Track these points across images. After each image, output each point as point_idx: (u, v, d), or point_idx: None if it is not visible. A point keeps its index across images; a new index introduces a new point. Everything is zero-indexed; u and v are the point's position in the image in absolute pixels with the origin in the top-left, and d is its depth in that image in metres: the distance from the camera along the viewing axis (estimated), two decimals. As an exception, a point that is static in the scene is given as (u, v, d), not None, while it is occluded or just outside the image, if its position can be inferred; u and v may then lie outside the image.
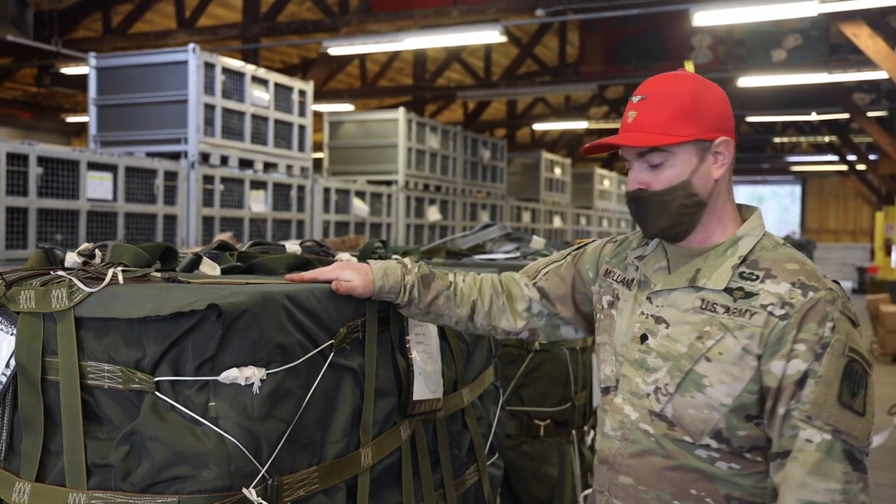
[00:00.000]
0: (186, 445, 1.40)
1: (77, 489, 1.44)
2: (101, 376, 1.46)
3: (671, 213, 1.53)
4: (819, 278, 1.49)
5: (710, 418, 1.48)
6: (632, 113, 1.54)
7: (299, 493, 1.54)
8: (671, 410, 1.51)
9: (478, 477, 2.31)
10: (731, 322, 1.48)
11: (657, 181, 1.53)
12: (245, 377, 1.43)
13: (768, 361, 1.44)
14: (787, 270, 1.48)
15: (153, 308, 1.42)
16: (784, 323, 1.44)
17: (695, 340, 1.50)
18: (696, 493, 1.50)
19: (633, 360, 1.59)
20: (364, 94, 13.78)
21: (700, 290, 1.53)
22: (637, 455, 1.56)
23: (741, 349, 1.46)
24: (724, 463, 1.49)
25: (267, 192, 6.57)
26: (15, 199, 4.61)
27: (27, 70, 12.68)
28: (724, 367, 1.47)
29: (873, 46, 8.68)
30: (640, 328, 1.59)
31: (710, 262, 1.54)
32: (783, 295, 1.45)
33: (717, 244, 1.56)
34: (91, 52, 6.29)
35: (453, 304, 1.79)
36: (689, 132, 1.50)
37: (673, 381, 1.51)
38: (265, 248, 2.14)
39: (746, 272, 1.51)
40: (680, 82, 1.53)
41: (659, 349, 1.54)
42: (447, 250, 3.56)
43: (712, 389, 1.47)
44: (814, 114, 14.75)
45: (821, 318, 1.43)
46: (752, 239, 1.55)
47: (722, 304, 1.50)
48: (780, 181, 32.25)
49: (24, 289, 1.53)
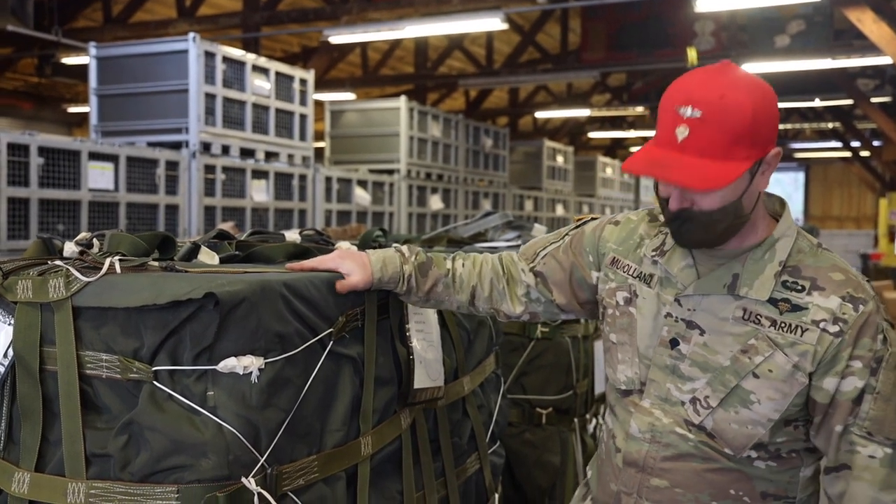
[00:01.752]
0: (185, 435, 1.39)
1: (76, 479, 1.44)
2: (99, 366, 1.46)
3: (718, 231, 1.43)
4: (864, 288, 1.44)
5: (754, 433, 1.45)
6: (682, 129, 1.36)
7: (299, 482, 1.53)
8: (712, 423, 1.47)
9: (479, 465, 2.31)
10: (780, 338, 1.42)
11: (706, 201, 1.40)
12: (243, 366, 1.42)
13: (821, 378, 1.41)
14: (834, 282, 1.43)
15: (150, 297, 1.41)
16: (839, 340, 1.40)
17: (739, 354, 1.44)
18: (735, 493, 1.49)
19: (662, 366, 1.52)
20: (365, 83, 13.74)
21: (740, 298, 1.46)
22: (673, 458, 1.51)
23: (792, 367, 1.41)
24: (762, 462, 1.48)
25: (268, 181, 6.57)
26: (16, 189, 4.61)
27: (28, 60, 12.66)
28: (773, 384, 1.42)
29: (877, 31, 8.63)
30: (669, 332, 1.52)
31: (749, 268, 1.46)
32: (835, 310, 1.40)
33: (751, 245, 1.48)
34: (91, 42, 6.28)
35: (452, 291, 1.77)
36: (749, 154, 1.37)
37: (715, 394, 1.46)
38: (264, 237, 2.13)
39: (790, 281, 1.44)
40: (738, 95, 1.35)
41: (694, 357, 1.48)
42: (449, 238, 3.55)
43: (759, 406, 1.43)
44: (817, 100, 14.67)
45: (874, 332, 1.40)
46: (788, 241, 1.48)
47: (767, 317, 1.43)
48: (784, 168, 32.14)
49: (21, 278, 1.53)
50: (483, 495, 2.34)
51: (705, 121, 1.34)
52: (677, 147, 1.37)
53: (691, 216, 1.42)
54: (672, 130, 1.38)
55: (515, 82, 13.43)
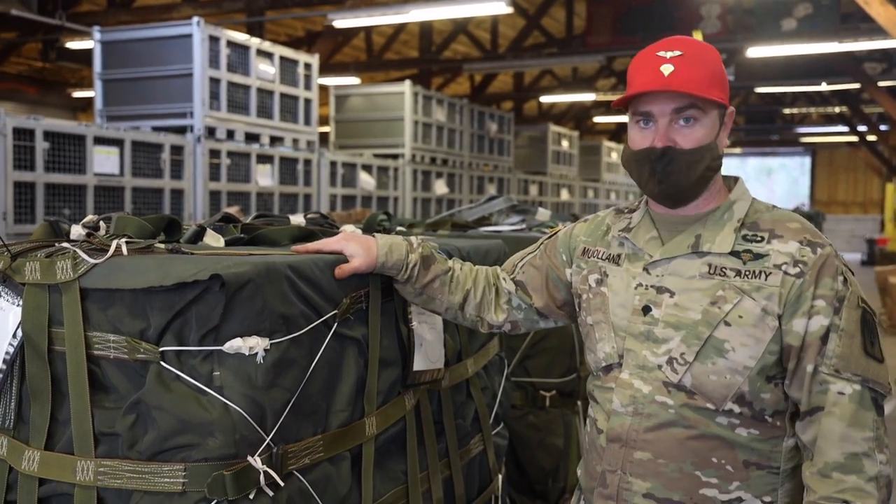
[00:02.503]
0: (192, 414, 1.41)
1: (85, 457, 1.46)
2: (106, 346, 1.48)
3: (696, 173, 1.52)
4: (821, 235, 1.52)
5: (733, 382, 1.48)
6: (668, 67, 1.48)
7: (304, 462, 1.55)
8: (690, 379, 1.50)
9: (482, 446, 2.33)
10: (746, 285, 1.48)
11: (687, 140, 1.50)
12: (249, 347, 1.44)
13: (790, 321, 1.46)
14: (791, 229, 1.51)
15: (157, 279, 1.43)
16: (801, 281, 1.46)
17: (709, 306, 1.49)
18: (717, 461, 1.50)
19: (637, 334, 1.56)
20: (370, 68, 13.70)
21: (704, 255, 1.53)
22: (655, 428, 1.53)
23: (761, 310, 1.47)
24: (745, 429, 1.50)
25: (273, 166, 6.57)
26: (22, 173, 4.63)
27: (32, 45, 12.65)
28: (745, 329, 1.47)
29: (885, 14, 8.56)
30: (641, 300, 1.57)
31: (710, 228, 1.55)
32: (794, 254, 1.48)
33: (710, 210, 1.57)
34: (95, 26, 6.28)
35: (447, 290, 1.78)
36: (721, 95, 1.52)
37: (690, 349, 1.50)
38: (269, 220, 2.14)
39: (750, 234, 1.53)
40: (707, 47, 1.55)
41: (667, 319, 1.53)
42: (453, 222, 3.55)
43: (734, 353, 1.47)
44: (824, 84, 14.59)
45: (833, 272, 1.47)
46: (744, 203, 1.58)
47: (731, 268, 1.50)
48: (790, 153, 32.01)
49: (29, 260, 1.55)
50: (487, 476, 2.36)
51: (686, 58, 1.49)
52: (664, 81, 1.48)
53: (675, 154, 1.50)
54: (657, 69, 1.49)
55: (520, 67, 13.38)
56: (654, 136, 1.52)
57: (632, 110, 1.56)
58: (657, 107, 1.51)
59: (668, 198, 1.56)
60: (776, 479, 1.52)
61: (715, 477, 1.50)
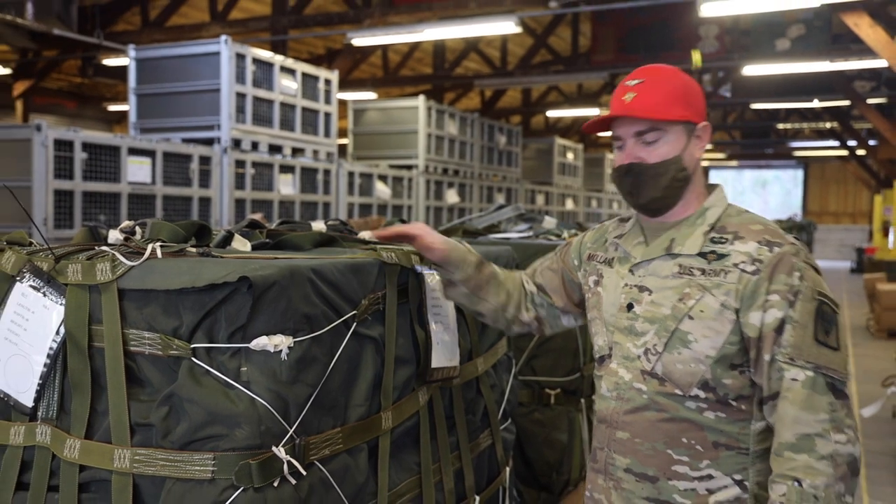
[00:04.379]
0: (221, 407, 1.42)
1: (122, 446, 1.48)
2: (142, 343, 1.49)
3: (663, 185, 1.59)
4: (782, 235, 1.56)
5: (696, 370, 1.54)
6: (630, 94, 1.58)
7: (324, 452, 1.56)
8: (661, 367, 1.57)
9: (491, 441, 2.33)
10: (707, 282, 1.54)
11: (651, 156, 1.59)
12: (274, 344, 1.45)
13: (746, 314, 1.51)
14: (752, 231, 1.56)
15: (189, 280, 1.44)
16: (756, 277, 1.51)
17: (677, 302, 1.56)
18: (687, 441, 1.56)
19: (622, 328, 1.64)
20: (386, 83, 13.74)
21: (676, 256, 1.60)
22: (632, 411, 1.61)
23: (720, 305, 1.52)
24: (712, 412, 1.55)
25: (295, 175, 6.60)
26: (62, 182, 4.67)
27: (72, 62, 12.76)
28: (706, 322, 1.53)
29: (874, 36, 8.54)
30: (626, 298, 1.65)
31: (683, 231, 1.62)
32: (752, 252, 1.53)
33: (687, 216, 1.64)
34: (131, 45, 6.33)
35: (493, 291, 1.86)
36: (683, 114, 1.58)
37: (661, 341, 1.57)
38: (292, 226, 2.15)
39: (717, 237, 1.58)
40: (672, 72, 1.62)
41: (645, 315, 1.60)
42: (464, 230, 3.56)
43: (697, 344, 1.54)
44: (816, 101, 14.52)
45: (788, 269, 1.50)
46: (718, 209, 1.63)
47: (698, 268, 1.57)
48: (784, 166, 31.85)
49: (71, 262, 1.57)
50: (495, 468, 2.36)
51: (646, 84, 1.58)
52: (625, 107, 1.58)
53: (640, 169, 1.59)
54: (621, 97, 1.59)
55: (528, 83, 13.38)
56: (623, 155, 1.63)
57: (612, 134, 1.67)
58: (623, 130, 1.61)
59: (642, 208, 1.65)
60: (746, 460, 1.56)
61: (686, 455, 1.56)
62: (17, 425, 1.60)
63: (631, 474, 1.61)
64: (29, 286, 1.59)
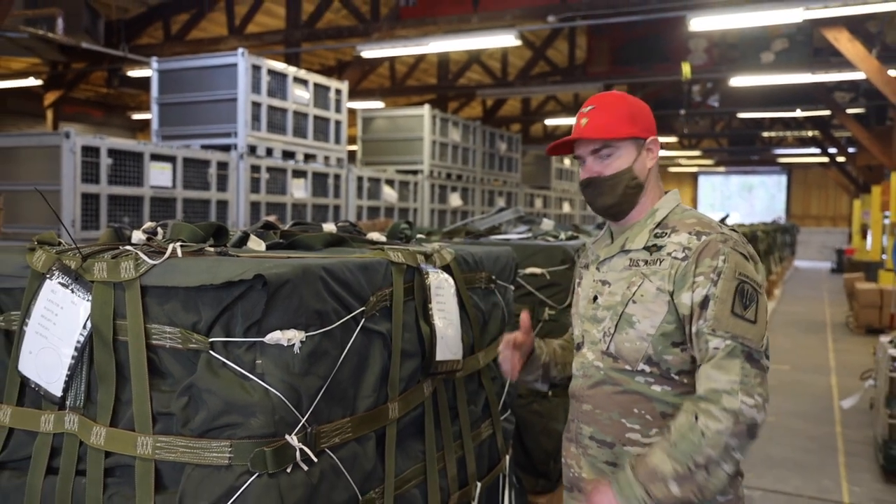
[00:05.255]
0: (237, 397, 1.42)
1: (144, 434, 1.48)
2: (163, 337, 1.49)
3: (618, 193, 1.72)
4: (712, 226, 1.67)
5: (641, 347, 1.65)
6: (584, 120, 1.72)
7: (335, 441, 1.56)
8: (614, 346, 1.69)
9: (492, 430, 2.33)
10: (647, 271, 1.67)
11: (607, 169, 1.72)
12: (287, 339, 1.45)
13: (679, 295, 1.62)
14: (686, 224, 1.69)
15: (207, 278, 1.44)
16: (685, 263, 1.62)
17: (625, 290, 1.69)
18: (638, 412, 1.66)
19: (589, 317, 1.77)
20: (393, 93, 13.75)
21: (628, 252, 1.73)
22: (592, 386, 1.73)
23: (656, 289, 1.64)
24: (659, 386, 1.65)
25: (307, 180, 6.60)
26: (89, 186, 4.68)
27: (99, 73, 12.79)
28: (645, 305, 1.65)
29: (852, 49, 8.53)
30: (592, 291, 1.78)
31: (635, 231, 1.75)
32: (683, 242, 1.65)
33: (641, 218, 1.77)
34: (153, 57, 6.34)
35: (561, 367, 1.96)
36: (630, 131, 1.71)
37: (612, 323, 1.70)
38: (304, 227, 2.15)
39: (659, 232, 1.71)
40: (619, 97, 1.76)
41: (604, 304, 1.73)
42: (467, 231, 3.56)
43: (640, 324, 1.65)
44: (799, 110, 14.53)
45: (713, 253, 1.61)
46: (665, 210, 1.75)
47: (642, 259, 1.69)
48: (768, 172, 31.78)
49: (97, 261, 1.57)
50: (496, 456, 2.36)
51: (597, 110, 1.72)
52: (581, 131, 1.72)
53: (598, 182, 1.73)
54: (579, 123, 1.73)
55: (528, 93, 13.38)
56: (584, 172, 1.76)
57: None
58: (582, 150, 1.75)
59: (603, 213, 1.77)
60: None
61: (637, 424, 1.66)
62: (47, 413, 1.60)
63: (594, 441, 1.73)
64: (58, 283, 1.59)
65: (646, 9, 8.14)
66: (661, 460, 1.52)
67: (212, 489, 1.41)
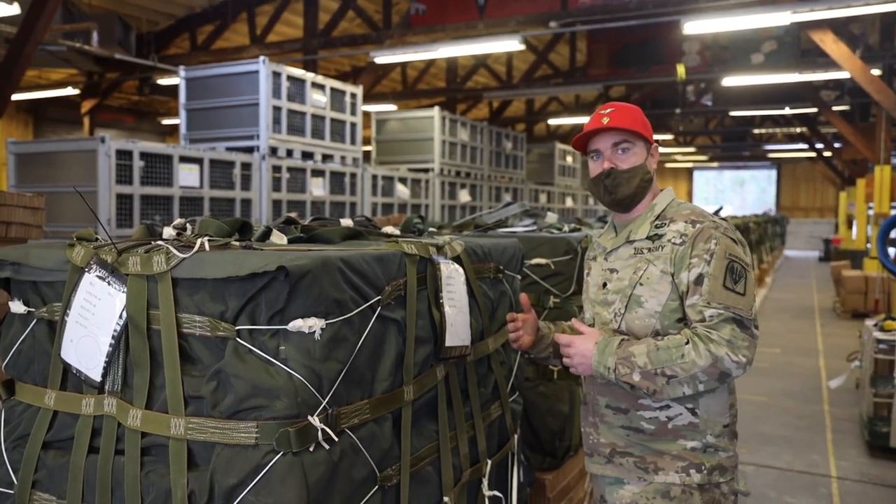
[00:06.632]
0: (262, 381, 1.43)
1: (177, 416, 1.49)
2: (193, 325, 1.50)
3: (634, 185, 1.83)
4: (705, 216, 1.80)
5: (649, 324, 1.78)
6: (606, 118, 1.82)
7: (354, 421, 1.56)
8: (625, 325, 1.82)
9: (501, 411, 2.32)
10: (651, 256, 1.80)
11: (625, 163, 1.83)
12: (308, 326, 1.45)
13: (678, 275, 1.75)
14: (682, 214, 1.82)
15: (233, 270, 1.44)
16: (682, 247, 1.75)
17: (632, 275, 1.81)
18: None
19: (600, 301, 1.89)
20: (405, 96, 13.73)
21: (633, 242, 1.85)
22: None
23: (659, 272, 1.77)
24: None
25: (325, 179, 6.61)
26: (122, 187, 4.71)
27: (130, 82, 12.83)
28: (651, 286, 1.78)
29: (837, 50, 8.45)
30: (601, 279, 1.91)
31: (637, 223, 1.87)
32: (680, 230, 1.78)
33: (643, 212, 1.89)
34: (181, 66, 6.35)
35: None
36: (644, 132, 1.84)
37: (622, 304, 1.82)
38: (323, 222, 2.15)
39: (658, 223, 1.83)
40: (630, 106, 1.87)
41: (613, 289, 1.85)
42: (475, 224, 3.55)
43: (647, 303, 1.78)
44: (787, 108, 14.41)
45: (707, 238, 1.74)
46: (662, 204, 1.87)
47: (646, 247, 1.82)
48: (759, 166, 31.57)
49: (131, 255, 1.57)
50: (505, 436, 2.35)
51: (617, 111, 1.83)
52: (605, 126, 1.82)
53: (617, 174, 1.83)
54: (599, 120, 1.83)
55: (531, 94, 13.32)
56: (601, 164, 1.84)
57: (588, 151, 1.88)
58: (601, 143, 1.84)
59: (617, 205, 1.87)
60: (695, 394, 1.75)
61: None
62: (87, 397, 1.61)
63: (609, 409, 1.85)
64: (96, 276, 1.60)
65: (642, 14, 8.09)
66: (640, 352, 1.69)
67: (240, 467, 1.42)
